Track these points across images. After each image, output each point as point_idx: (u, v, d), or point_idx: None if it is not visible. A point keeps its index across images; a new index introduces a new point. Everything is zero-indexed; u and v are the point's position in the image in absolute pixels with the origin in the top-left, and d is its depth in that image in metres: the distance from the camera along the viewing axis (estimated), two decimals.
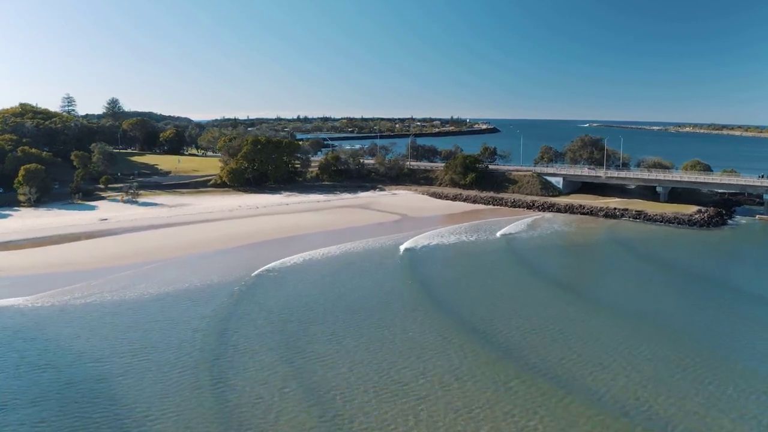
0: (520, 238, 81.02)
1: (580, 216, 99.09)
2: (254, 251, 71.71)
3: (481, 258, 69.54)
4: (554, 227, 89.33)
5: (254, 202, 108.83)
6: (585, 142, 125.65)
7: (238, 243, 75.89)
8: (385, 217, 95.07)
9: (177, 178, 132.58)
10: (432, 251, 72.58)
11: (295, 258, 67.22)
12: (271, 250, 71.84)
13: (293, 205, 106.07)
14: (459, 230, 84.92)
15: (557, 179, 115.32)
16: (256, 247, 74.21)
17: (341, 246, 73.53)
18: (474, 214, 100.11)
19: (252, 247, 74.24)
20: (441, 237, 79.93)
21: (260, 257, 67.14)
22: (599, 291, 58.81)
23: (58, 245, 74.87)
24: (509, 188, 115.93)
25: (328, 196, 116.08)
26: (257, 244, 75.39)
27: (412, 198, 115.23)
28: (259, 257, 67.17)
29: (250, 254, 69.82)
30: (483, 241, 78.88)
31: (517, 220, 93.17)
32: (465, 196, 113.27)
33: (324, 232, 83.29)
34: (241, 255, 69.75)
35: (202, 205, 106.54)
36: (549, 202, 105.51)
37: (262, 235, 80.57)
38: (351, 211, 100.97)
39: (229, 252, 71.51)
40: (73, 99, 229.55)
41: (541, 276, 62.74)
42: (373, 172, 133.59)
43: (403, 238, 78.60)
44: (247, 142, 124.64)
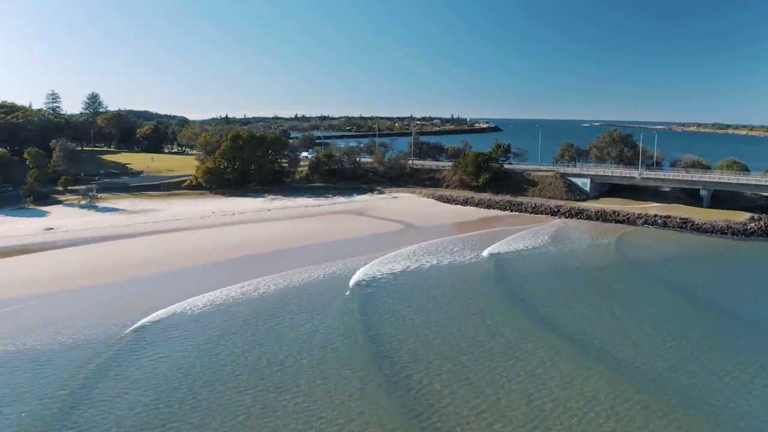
0: (573, 260, 65.24)
1: (614, 225, 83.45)
2: (196, 276, 55.80)
3: (524, 292, 53.67)
4: (591, 240, 73.64)
5: (231, 207, 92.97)
6: (614, 138, 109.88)
7: (183, 263, 59.89)
8: (383, 226, 79.27)
9: (148, 179, 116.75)
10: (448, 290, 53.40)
11: (226, 293, 49.54)
12: (212, 275, 55.62)
13: (276, 211, 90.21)
14: (474, 243, 69.04)
15: (584, 180, 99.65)
16: (205, 270, 58.02)
17: (310, 272, 56.53)
18: (490, 221, 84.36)
19: (200, 270, 57.97)
20: (453, 254, 64.04)
21: (185, 289, 50.53)
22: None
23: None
24: (528, 191, 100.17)
25: (318, 201, 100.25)
26: (210, 266, 59.13)
27: (416, 202, 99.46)
28: (183, 289, 50.50)
29: (183, 283, 53.59)
30: (516, 263, 63.00)
31: (543, 230, 77.48)
32: (477, 200, 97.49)
33: (303, 248, 67.15)
34: (175, 283, 53.84)
35: (170, 210, 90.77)
36: (576, 208, 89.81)
37: (222, 252, 64.29)
38: (343, 218, 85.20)
39: (162, 278, 55.30)
40: (58, 95, 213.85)
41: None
42: (370, 172, 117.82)
43: (407, 256, 62.71)
44: (226, 138, 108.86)
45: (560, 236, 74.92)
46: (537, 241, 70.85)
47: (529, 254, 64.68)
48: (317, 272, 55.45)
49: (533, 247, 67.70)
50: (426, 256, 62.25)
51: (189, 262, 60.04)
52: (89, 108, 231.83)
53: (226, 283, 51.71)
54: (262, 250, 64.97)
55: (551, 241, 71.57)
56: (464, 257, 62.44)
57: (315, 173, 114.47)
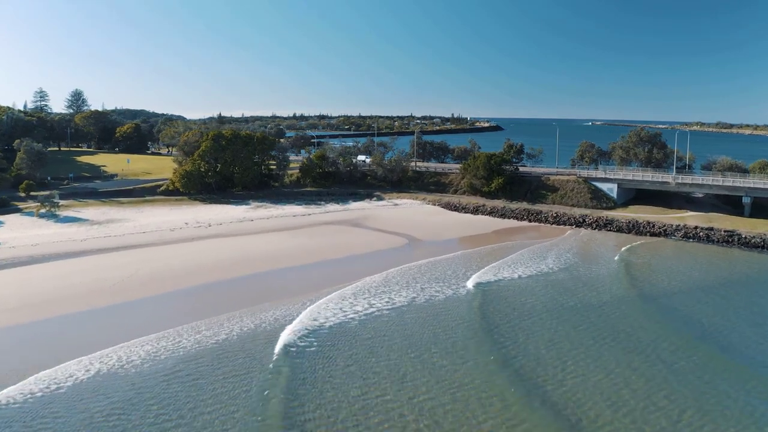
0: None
1: (649, 238, 71.95)
2: (120, 318, 44.02)
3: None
4: (627, 259, 61.93)
5: (208, 216, 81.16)
6: (641, 138, 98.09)
7: (119, 296, 47.75)
8: (381, 241, 67.53)
9: (121, 182, 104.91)
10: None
11: (126, 353, 37.82)
12: (141, 316, 43.94)
13: (259, 222, 78.37)
14: (493, 264, 57.26)
15: (610, 186, 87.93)
16: (138, 308, 45.82)
17: (263, 313, 44.54)
18: (507, 234, 72.65)
19: (131, 308, 45.45)
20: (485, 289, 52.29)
21: (92, 340, 38.62)
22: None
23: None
24: (548, 197, 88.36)
25: (309, 208, 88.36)
26: (147, 302, 46.86)
27: (420, 210, 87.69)
28: (88, 341, 38.59)
29: (93, 330, 41.36)
30: (546, 293, 51.32)
31: (567, 245, 65.79)
32: (490, 208, 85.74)
33: (277, 273, 54.49)
34: (85, 328, 41.78)
35: (138, 221, 79.00)
36: (604, 218, 78.18)
37: (177, 279, 51.82)
38: (336, 230, 73.45)
39: (79, 320, 42.96)
40: (46, 93, 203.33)
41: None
42: (369, 176, 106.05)
43: (406, 284, 50.94)
44: (206, 138, 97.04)
45: (588, 254, 63.25)
46: (563, 261, 59.16)
47: (561, 281, 53.01)
48: (274, 314, 42.63)
49: (562, 268, 56.02)
50: (433, 284, 50.52)
51: (126, 295, 47.70)
52: (72, 106, 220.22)
53: (147, 330, 39.66)
54: (226, 276, 52.67)
55: (581, 261, 59.90)
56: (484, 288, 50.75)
57: (307, 177, 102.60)
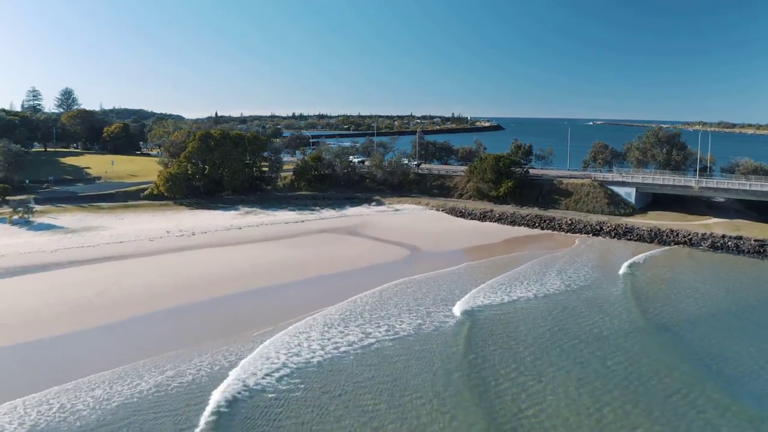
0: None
1: (673, 248, 65.68)
2: (61, 354, 37.72)
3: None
4: (652, 274, 55.56)
5: (193, 224, 74.66)
6: (660, 138, 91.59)
7: (75, 323, 41.27)
8: (381, 252, 61.06)
9: (104, 186, 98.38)
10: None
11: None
12: (88, 351, 37.64)
13: (247, 230, 71.86)
14: (514, 280, 50.77)
15: (628, 190, 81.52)
16: (90, 339, 39.40)
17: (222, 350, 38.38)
18: (519, 244, 66.24)
19: (79, 340, 39.23)
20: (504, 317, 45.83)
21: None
22: None
23: None
24: (561, 203, 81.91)
25: (303, 214, 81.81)
26: (102, 331, 40.31)
27: (423, 217, 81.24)
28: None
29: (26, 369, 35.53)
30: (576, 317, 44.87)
31: (584, 256, 59.33)
32: (498, 214, 79.29)
33: (256, 294, 47.69)
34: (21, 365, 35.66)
35: (117, 229, 72.55)
36: (624, 225, 71.77)
37: (143, 302, 45.08)
38: (331, 240, 66.98)
39: (20, 354, 36.97)
40: (39, 93, 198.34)
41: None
42: (367, 178, 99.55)
43: (409, 307, 44.49)
44: (193, 138, 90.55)
45: (604, 267, 56.77)
46: (579, 276, 52.73)
47: (574, 306, 46.58)
48: (228, 351, 36.29)
49: (583, 286, 49.58)
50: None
51: (86, 320, 41.11)
52: (63, 105, 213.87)
53: (103, 365, 33.37)
54: (201, 297, 45.88)
55: (594, 277, 53.44)
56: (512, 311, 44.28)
57: (301, 180, 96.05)
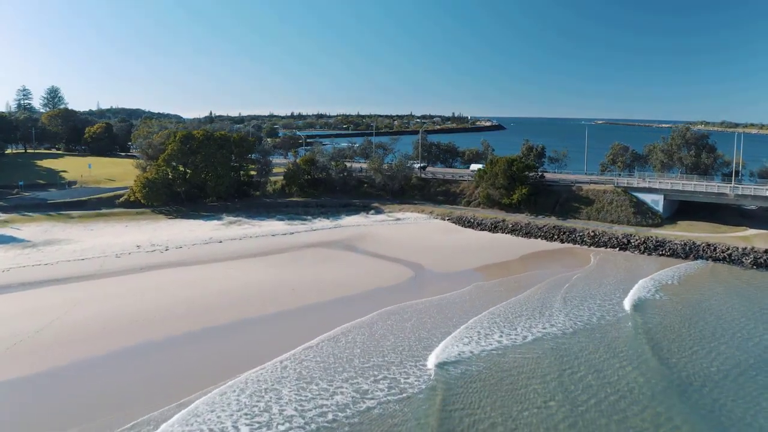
0: None
1: (712, 265, 57.51)
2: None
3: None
4: (694, 303, 47.22)
5: (168, 236, 66.20)
6: (687, 139, 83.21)
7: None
8: (380, 273, 52.63)
9: (77, 192, 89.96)
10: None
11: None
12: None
13: (229, 243, 63.39)
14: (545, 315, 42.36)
15: (655, 197, 73.21)
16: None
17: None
18: (538, 261, 57.89)
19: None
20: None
21: None
22: None
23: None
24: (581, 212, 73.51)
25: (293, 225, 73.29)
26: (25, 383, 32.48)
27: (427, 227, 72.86)
28: None
29: None
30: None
31: (609, 279, 51.00)
32: (512, 225, 70.87)
33: (222, 333, 39.08)
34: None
35: (83, 242, 64.15)
36: (654, 238, 63.43)
37: (81, 343, 37.20)
38: (323, 256, 58.56)
39: None
40: (30, 92, 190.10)
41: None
42: (365, 183, 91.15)
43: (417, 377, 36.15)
44: (173, 139, 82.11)
45: (626, 290, 48.45)
46: (599, 307, 44.43)
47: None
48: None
49: (601, 324, 41.25)
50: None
51: (13, 367, 33.07)
52: (48, 104, 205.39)
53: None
54: (151, 336, 37.22)
55: (613, 308, 45.11)
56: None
57: (292, 185, 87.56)
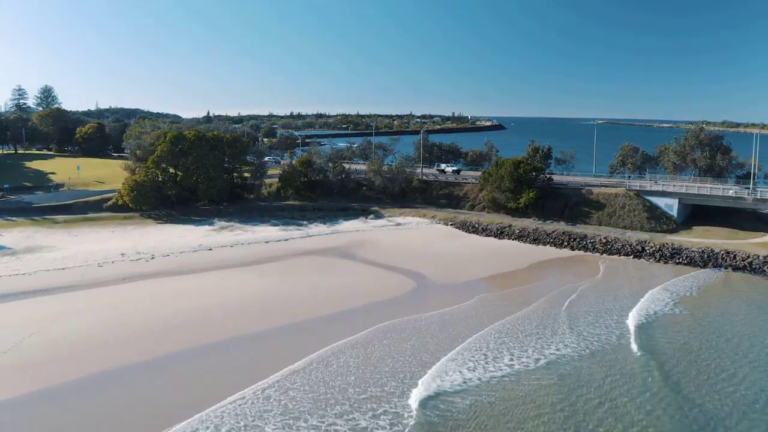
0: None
1: (731, 274, 53.93)
2: None
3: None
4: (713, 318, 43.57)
5: (155, 243, 62.47)
6: (701, 140, 79.49)
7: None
8: (380, 284, 48.91)
9: (65, 195, 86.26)
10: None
11: None
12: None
13: (219, 251, 59.65)
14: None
15: (669, 202, 69.56)
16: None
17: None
18: (549, 269, 54.22)
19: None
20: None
21: None
22: None
23: None
24: (592, 216, 69.82)
25: (288, 230, 69.55)
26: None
27: (429, 233, 69.17)
28: None
29: None
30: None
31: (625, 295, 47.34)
32: (518, 231, 67.16)
33: (209, 349, 35.97)
34: None
35: (66, 249, 60.45)
36: (669, 246, 59.71)
37: (59, 363, 33.81)
38: (318, 265, 54.84)
39: None
40: (25, 91, 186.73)
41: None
42: (365, 186, 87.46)
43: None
44: (163, 140, 78.40)
45: (640, 303, 44.78)
46: (608, 326, 40.73)
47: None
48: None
49: (610, 346, 37.58)
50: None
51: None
52: (42, 104, 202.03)
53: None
54: (124, 360, 33.62)
55: (628, 325, 41.41)
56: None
57: (288, 188, 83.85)
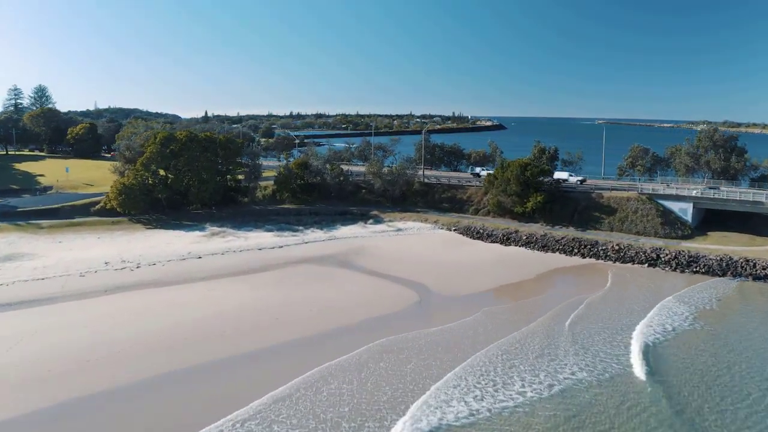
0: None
1: (752, 284, 50.67)
2: None
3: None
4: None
5: (141, 250, 59.03)
6: (715, 141, 76.16)
7: None
8: (380, 296, 45.51)
9: (52, 198, 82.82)
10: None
11: None
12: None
13: (209, 259, 56.24)
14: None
15: (682, 206, 66.17)
16: None
17: None
18: (560, 278, 50.92)
19: None
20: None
21: None
22: None
23: None
24: (603, 221, 66.39)
25: (283, 237, 66.10)
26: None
27: (432, 239, 65.79)
28: None
29: None
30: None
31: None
32: (525, 237, 63.76)
33: (159, 383, 33.02)
34: None
35: (48, 257, 57.06)
36: (686, 253, 56.36)
37: (21, 389, 30.67)
38: (315, 274, 51.46)
39: None
40: (21, 91, 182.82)
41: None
42: (364, 188, 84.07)
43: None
44: (153, 141, 74.99)
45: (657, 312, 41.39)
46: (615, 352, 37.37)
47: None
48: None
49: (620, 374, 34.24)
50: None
51: None
52: (36, 104, 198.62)
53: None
54: (89, 389, 30.45)
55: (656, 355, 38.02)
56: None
57: (284, 191, 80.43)
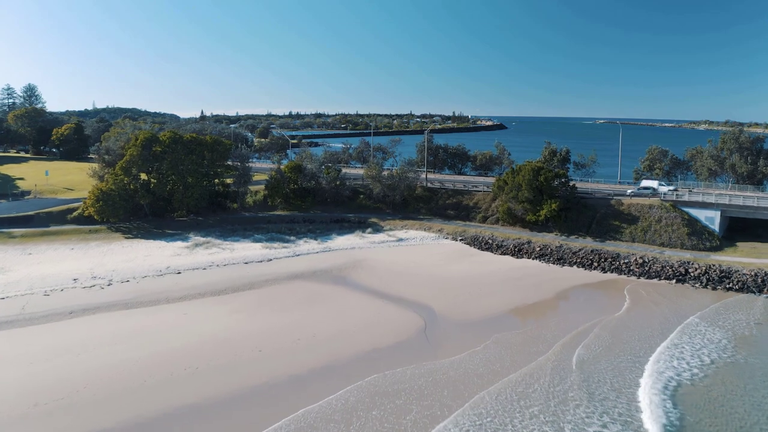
0: None
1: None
2: None
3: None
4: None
5: (116, 264, 53.38)
6: (741, 143, 70.54)
7: None
8: (380, 322, 39.83)
9: (28, 204, 77.08)
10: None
11: None
12: None
13: (189, 274, 50.60)
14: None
15: (709, 214, 60.49)
16: None
17: None
18: (581, 298, 45.27)
19: None
20: None
21: None
22: None
23: None
24: (624, 231, 60.67)
25: (272, 247, 60.35)
26: None
27: (437, 250, 60.09)
28: None
29: None
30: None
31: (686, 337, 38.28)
32: (539, 249, 58.10)
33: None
34: None
35: (14, 272, 51.43)
36: (717, 267, 50.75)
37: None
38: (305, 294, 45.78)
39: None
40: (14, 90, 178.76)
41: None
42: (362, 194, 78.44)
43: None
44: (134, 142, 69.31)
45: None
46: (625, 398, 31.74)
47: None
48: None
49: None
50: None
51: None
52: (26, 103, 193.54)
53: None
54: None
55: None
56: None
57: (276, 196, 74.77)
